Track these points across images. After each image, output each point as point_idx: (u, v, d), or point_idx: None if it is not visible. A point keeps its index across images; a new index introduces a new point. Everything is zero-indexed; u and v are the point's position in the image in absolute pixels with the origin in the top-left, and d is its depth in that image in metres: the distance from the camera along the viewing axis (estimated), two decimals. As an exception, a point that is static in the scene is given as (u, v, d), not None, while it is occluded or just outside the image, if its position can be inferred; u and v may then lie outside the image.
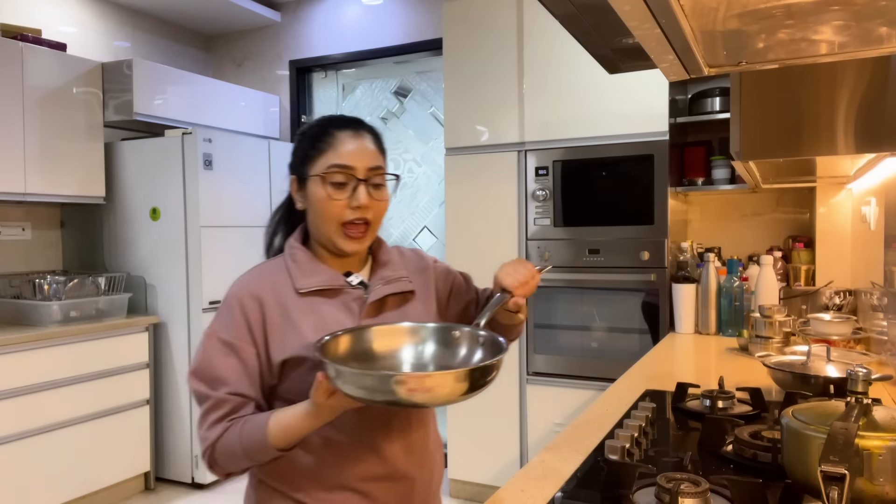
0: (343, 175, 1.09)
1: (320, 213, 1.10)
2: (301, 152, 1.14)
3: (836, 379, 1.43)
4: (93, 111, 3.43)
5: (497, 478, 3.00)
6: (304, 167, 1.12)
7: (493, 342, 1.03)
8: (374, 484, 1.10)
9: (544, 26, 2.87)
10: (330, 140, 1.11)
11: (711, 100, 2.89)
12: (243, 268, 1.20)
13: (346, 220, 1.10)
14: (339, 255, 1.14)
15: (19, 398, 2.78)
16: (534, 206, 2.94)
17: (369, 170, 1.11)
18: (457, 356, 1.06)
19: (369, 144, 1.13)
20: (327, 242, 1.13)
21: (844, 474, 0.76)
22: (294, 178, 1.15)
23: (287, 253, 1.15)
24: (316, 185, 1.10)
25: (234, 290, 1.12)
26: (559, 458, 1.18)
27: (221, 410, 1.05)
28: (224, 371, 1.06)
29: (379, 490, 1.10)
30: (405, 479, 1.13)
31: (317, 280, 1.11)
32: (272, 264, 1.15)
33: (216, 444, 1.05)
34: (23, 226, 3.47)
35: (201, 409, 1.07)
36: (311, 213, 1.13)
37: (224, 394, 1.06)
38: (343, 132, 1.12)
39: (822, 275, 2.72)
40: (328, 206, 1.09)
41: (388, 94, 4.12)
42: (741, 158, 1.45)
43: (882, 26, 0.83)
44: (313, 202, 1.11)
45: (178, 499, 3.29)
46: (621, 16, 0.76)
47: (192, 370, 1.09)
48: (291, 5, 4.30)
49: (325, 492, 1.08)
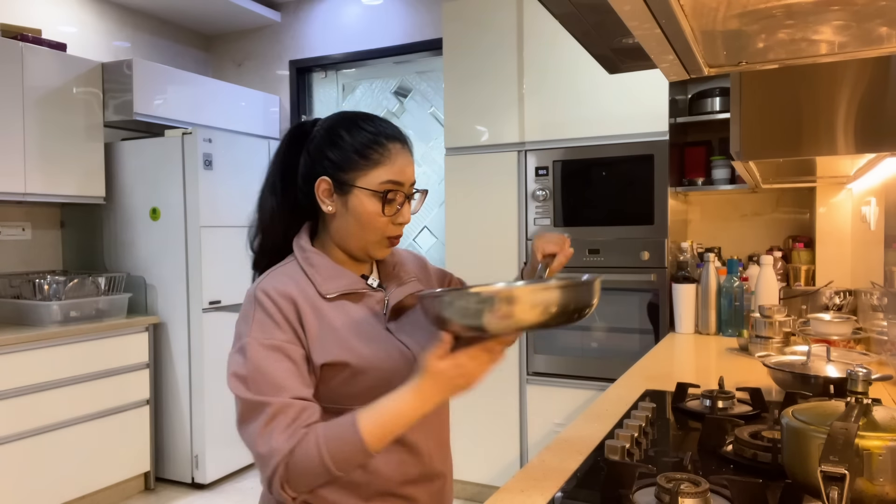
0: (395, 192, 1.06)
1: (363, 225, 1.06)
2: (342, 156, 1.06)
3: (836, 379, 1.43)
4: (93, 111, 3.43)
5: (497, 478, 3.00)
6: (347, 175, 1.05)
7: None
8: (412, 487, 1.08)
9: (544, 26, 2.87)
10: (384, 152, 1.06)
11: (711, 100, 2.89)
12: (243, 268, 1.19)
13: (391, 235, 1.08)
14: (362, 260, 1.14)
15: (19, 398, 2.78)
16: (534, 206, 2.94)
17: (411, 185, 1.10)
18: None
19: (411, 159, 1.11)
20: (358, 250, 1.10)
21: (844, 474, 0.76)
22: (328, 180, 1.07)
23: (300, 257, 1.09)
24: (364, 198, 1.05)
25: (260, 294, 1.04)
26: (559, 458, 1.18)
27: (288, 416, 0.94)
28: (280, 376, 0.97)
29: (417, 492, 1.09)
30: (438, 478, 1.13)
31: (342, 284, 1.08)
32: (288, 268, 1.09)
33: (293, 453, 0.92)
34: (23, 226, 3.47)
35: (258, 421, 0.94)
36: (346, 220, 1.07)
37: (287, 398, 0.96)
38: (394, 144, 1.07)
39: (822, 275, 2.72)
40: (375, 221, 1.06)
41: (388, 94, 4.13)
42: (741, 158, 1.45)
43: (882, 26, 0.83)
44: (358, 213, 1.06)
45: (178, 499, 3.29)
46: (621, 16, 0.76)
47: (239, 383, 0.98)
48: (291, 5, 4.30)
49: (364, 500, 1.04)
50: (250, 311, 1.03)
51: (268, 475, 0.93)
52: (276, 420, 0.94)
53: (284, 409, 0.95)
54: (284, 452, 0.92)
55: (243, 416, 0.97)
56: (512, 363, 2.98)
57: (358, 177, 1.05)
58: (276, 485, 0.93)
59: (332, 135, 1.08)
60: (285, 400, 0.95)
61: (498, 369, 3.06)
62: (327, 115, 1.14)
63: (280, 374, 0.97)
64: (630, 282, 2.76)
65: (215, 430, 3.41)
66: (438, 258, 3.69)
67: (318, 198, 1.08)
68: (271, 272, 1.09)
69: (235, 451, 3.55)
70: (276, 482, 0.92)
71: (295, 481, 0.92)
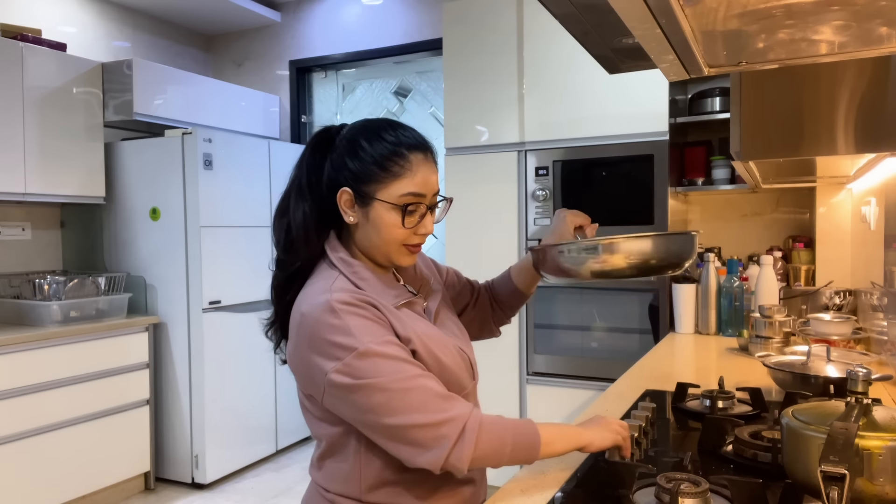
0: (416, 204, 1.07)
1: (384, 237, 1.07)
2: (363, 168, 1.05)
3: (836, 379, 1.43)
4: (93, 111, 3.43)
5: (497, 478, 2.99)
6: (368, 187, 1.05)
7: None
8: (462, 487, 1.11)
9: (544, 26, 2.87)
10: (404, 164, 1.05)
11: (711, 100, 2.89)
12: (243, 268, 1.20)
13: (411, 244, 1.09)
14: (387, 267, 1.15)
15: (19, 398, 2.78)
16: (534, 206, 2.94)
17: (434, 195, 1.10)
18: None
19: (435, 167, 1.10)
20: (382, 258, 1.11)
21: (844, 474, 0.76)
22: (349, 191, 1.06)
23: (347, 271, 1.07)
24: (385, 210, 1.05)
25: (337, 304, 0.99)
26: (559, 459, 1.18)
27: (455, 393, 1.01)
28: (415, 362, 1.01)
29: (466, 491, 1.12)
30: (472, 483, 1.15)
31: (396, 293, 1.11)
32: (341, 282, 1.05)
33: (485, 419, 0.97)
34: (23, 226, 3.47)
35: (425, 396, 0.95)
36: (367, 231, 1.08)
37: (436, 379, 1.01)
38: (416, 155, 1.06)
39: (822, 275, 2.72)
40: (395, 233, 1.06)
41: (388, 94, 4.13)
42: (741, 158, 1.45)
43: (882, 26, 0.83)
44: (378, 225, 1.06)
45: (178, 499, 3.29)
46: (621, 16, 0.76)
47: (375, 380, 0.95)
48: (291, 5, 4.30)
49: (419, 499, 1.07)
50: (338, 322, 0.98)
51: (455, 434, 0.94)
52: (444, 389, 0.99)
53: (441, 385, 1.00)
54: (478, 416, 0.97)
55: (393, 404, 0.95)
56: (512, 363, 2.98)
57: (378, 189, 1.05)
58: (470, 439, 0.95)
59: (354, 144, 1.07)
60: (435, 378, 1.01)
61: (498, 369, 3.06)
62: (352, 122, 1.13)
63: (414, 361, 1.01)
64: (630, 282, 2.76)
65: (215, 430, 3.41)
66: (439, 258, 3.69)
67: (340, 208, 1.08)
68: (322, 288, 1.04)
69: (235, 451, 3.55)
70: (470, 437, 0.95)
71: (482, 447, 0.96)
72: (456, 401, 0.98)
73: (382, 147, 1.05)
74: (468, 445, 0.95)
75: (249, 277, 3.54)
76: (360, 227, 1.09)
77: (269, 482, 3.50)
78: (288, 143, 3.99)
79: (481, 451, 0.96)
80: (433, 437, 0.95)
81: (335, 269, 1.08)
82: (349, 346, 0.97)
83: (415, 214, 1.07)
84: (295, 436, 3.97)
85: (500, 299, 1.41)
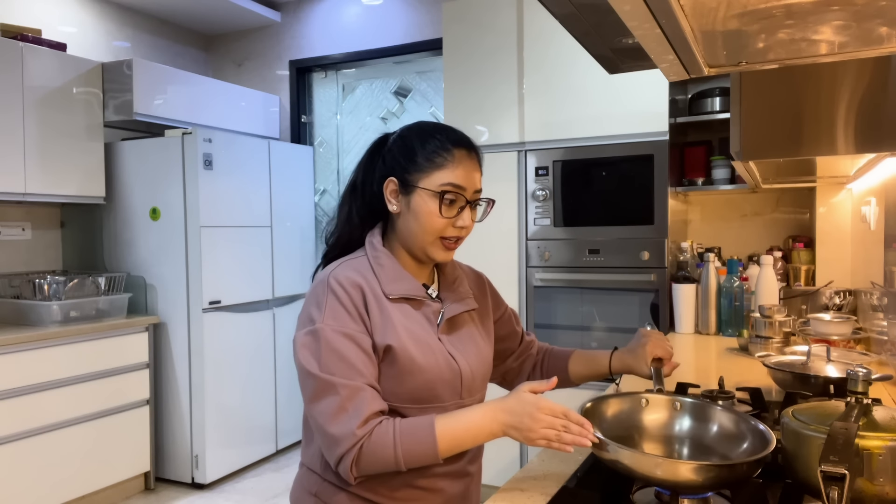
0: (455, 195, 1.11)
1: (422, 225, 1.12)
2: (410, 159, 1.13)
3: (836, 379, 1.43)
4: (93, 111, 3.43)
5: (497, 478, 3.00)
6: (412, 176, 1.12)
7: (756, 431, 1.02)
8: (442, 480, 1.13)
9: (544, 26, 2.87)
10: (448, 157, 1.12)
11: (711, 100, 2.89)
12: (243, 268, 1.21)
13: (446, 236, 1.13)
14: (424, 263, 1.18)
15: (19, 398, 2.78)
16: (534, 206, 2.94)
17: (475, 192, 1.15)
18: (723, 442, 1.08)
19: (478, 166, 1.16)
20: (419, 250, 1.15)
21: (844, 474, 0.76)
22: (395, 181, 1.14)
23: (371, 254, 1.15)
24: (425, 198, 1.11)
25: (333, 281, 1.08)
26: (559, 458, 1.18)
27: (362, 401, 1.00)
28: (353, 361, 1.02)
29: (446, 484, 1.14)
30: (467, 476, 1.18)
31: (404, 287, 1.13)
32: (358, 262, 1.13)
33: (369, 439, 0.99)
34: (23, 226, 3.47)
35: (331, 402, 1.00)
36: (408, 220, 1.13)
37: (361, 383, 1.01)
38: (460, 150, 1.13)
39: (822, 275, 2.72)
40: (433, 221, 1.11)
41: (388, 94, 4.12)
42: (741, 158, 1.45)
43: (882, 26, 0.83)
44: (417, 213, 1.12)
45: (178, 499, 3.29)
46: (621, 16, 0.76)
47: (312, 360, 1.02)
48: (291, 5, 4.30)
49: (392, 490, 1.09)
50: (322, 297, 1.07)
51: (339, 454, 0.99)
52: (351, 403, 1.00)
53: (358, 394, 1.00)
54: (360, 437, 0.98)
55: (315, 395, 1.02)
56: (512, 363, 2.98)
57: (421, 178, 1.12)
58: (346, 464, 0.99)
59: (406, 141, 1.16)
60: (359, 384, 1.01)
61: (498, 369, 3.05)
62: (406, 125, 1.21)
63: (353, 360, 1.03)
64: (630, 282, 2.76)
65: (215, 430, 3.41)
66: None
67: (385, 198, 1.15)
68: (343, 262, 1.14)
69: (235, 451, 3.55)
70: (346, 462, 0.99)
71: (364, 465, 0.99)
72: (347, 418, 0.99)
73: (432, 143, 1.13)
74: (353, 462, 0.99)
75: (249, 277, 3.54)
76: (402, 216, 1.14)
77: (269, 482, 3.50)
78: (288, 143, 4.00)
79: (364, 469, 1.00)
80: (330, 444, 1.01)
81: (363, 250, 1.16)
82: (313, 319, 1.06)
83: (453, 206, 1.12)
84: (295, 436, 3.96)
85: (545, 370, 1.42)
